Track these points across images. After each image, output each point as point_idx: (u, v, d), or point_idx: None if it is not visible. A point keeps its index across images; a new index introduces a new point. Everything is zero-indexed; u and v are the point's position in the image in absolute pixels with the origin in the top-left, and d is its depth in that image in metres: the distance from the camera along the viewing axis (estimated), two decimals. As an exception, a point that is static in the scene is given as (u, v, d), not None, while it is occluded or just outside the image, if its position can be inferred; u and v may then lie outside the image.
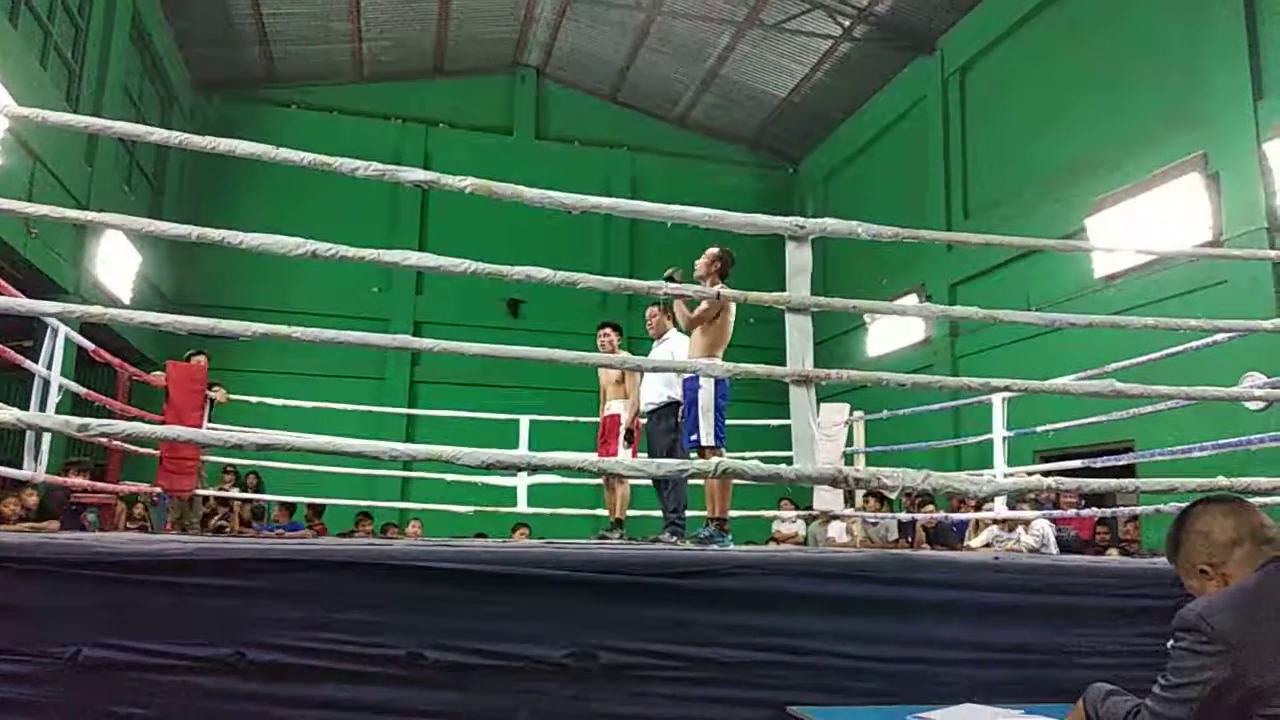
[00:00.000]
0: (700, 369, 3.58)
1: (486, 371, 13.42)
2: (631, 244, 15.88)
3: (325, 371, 13.20)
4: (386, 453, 2.90)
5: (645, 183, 15.87)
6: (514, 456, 3.06)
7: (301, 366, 13.06)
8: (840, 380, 3.50)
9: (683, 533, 5.53)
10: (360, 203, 14.23)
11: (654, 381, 5.92)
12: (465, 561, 2.81)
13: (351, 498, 9.01)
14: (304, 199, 13.48)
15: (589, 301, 14.43)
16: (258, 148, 3.02)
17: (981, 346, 11.60)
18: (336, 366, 13.35)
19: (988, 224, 11.13)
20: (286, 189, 13.61)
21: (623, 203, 3.40)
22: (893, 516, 8.08)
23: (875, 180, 14.75)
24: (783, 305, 3.40)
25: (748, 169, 17.05)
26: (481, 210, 13.79)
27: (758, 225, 3.42)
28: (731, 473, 3.03)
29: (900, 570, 3.14)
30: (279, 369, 12.98)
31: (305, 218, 12.39)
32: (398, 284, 14.88)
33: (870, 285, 13.25)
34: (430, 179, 3.15)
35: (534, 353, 3.26)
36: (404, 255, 3.17)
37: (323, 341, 3.07)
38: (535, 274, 3.21)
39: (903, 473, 3.00)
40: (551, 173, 13.19)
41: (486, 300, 14.74)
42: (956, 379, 3.68)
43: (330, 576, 2.70)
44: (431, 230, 15.09)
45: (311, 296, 13.50)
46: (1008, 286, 10.91)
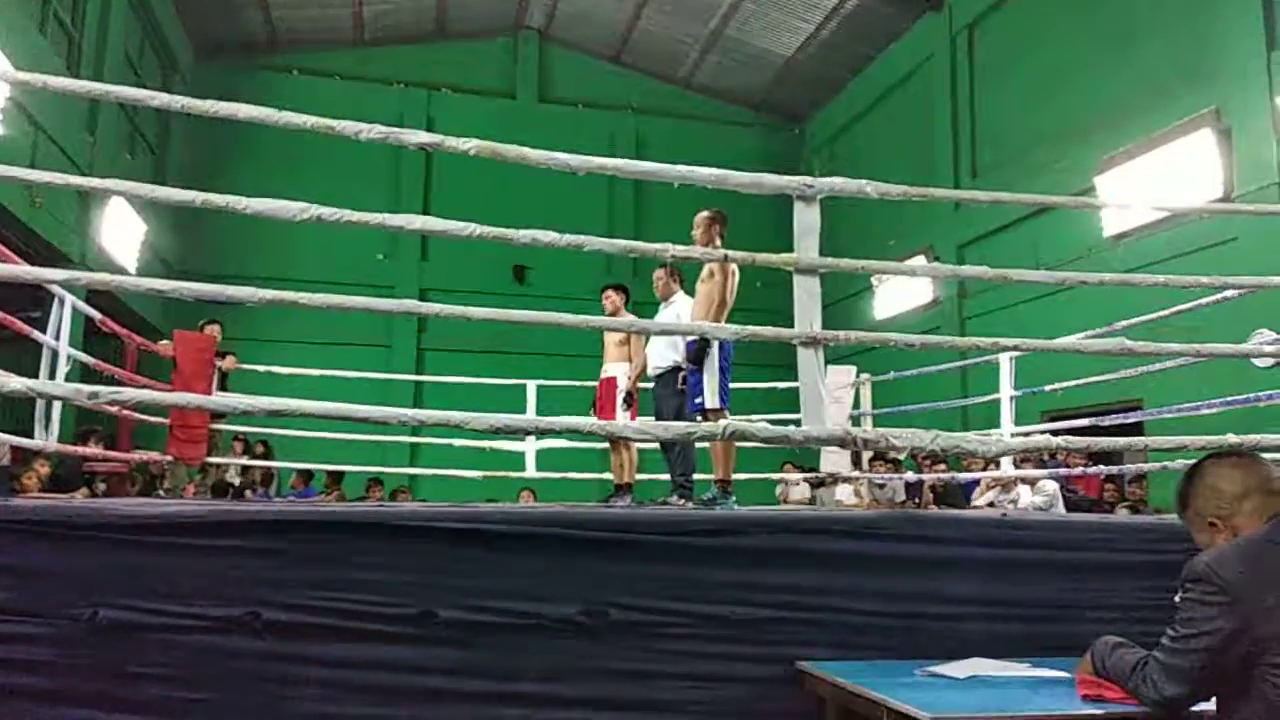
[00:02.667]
0: (706, 331, 3.57)
1: (493, 338, 13.42)
2: (636, 207, 15.80)
3: (332, 339, 13.23)
4: (396, 418, 2.92)
5: (650, 145, 15.75)
6: (522, 421, 3.08)
7: (309, 335, 13.09)
8: (848, 342, 3.50)
9: (690, 496, 5.56)
10: (363, 168, 14.16)
11: (660, 345, 5.90)
12: (476, 521, 2.83)
13: (362, 465, 9.07)
14: (307, 165, 13.40)
15: (595, 267, 14.38)
16: (260, 111, 3.00)
17: (989, 307, 11.55)
18: (343, 334, 13.38)
19: (996, 183, 11.03)
20: (289, 155, 13.54)
21: (628, 163, 3.37)
22: (900, 477, 8.12)
23: (882, 141, 14.62)
24: (790, 266, 3.38)
25: (753, 130, 16.90)
26: (486, 174, 13.73)
27: (765, 185, 3.40)
28: (739, 435, 3.03)
29: (908, 527, 3.16)
30: (286, 338, 13.00)
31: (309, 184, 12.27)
32: (403, 250, 14.86)
33: (877, 248, 13.15)
34: (434, 141, 3.13)
35: (538, 316, 3.26)
36: (408, 219, 3.16)
37: (329, 307, 3.07)
38: (541, 236, 3.21)
39: (911, 433, 3.01)
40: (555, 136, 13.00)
41: (492, 267, 14.70)
42: (965, 339, 3.68)
43: (342, 537, 2.74)
44: (435, 196, 15.04)
45: (316, 264, 13.48)
46: (1016, 247, 10.84)
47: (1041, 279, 3.86)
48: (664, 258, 3.37)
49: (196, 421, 6.73)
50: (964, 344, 3.74)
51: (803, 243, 3.38)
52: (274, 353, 11.05)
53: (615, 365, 6.49)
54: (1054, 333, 5.85)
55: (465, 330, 13.20)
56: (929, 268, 5.33)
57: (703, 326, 3.74)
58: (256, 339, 12.15)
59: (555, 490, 9.08)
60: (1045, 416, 9.56)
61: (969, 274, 3.83)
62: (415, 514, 2.95)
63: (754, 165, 3.94)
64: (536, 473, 8.09)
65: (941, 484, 8.14)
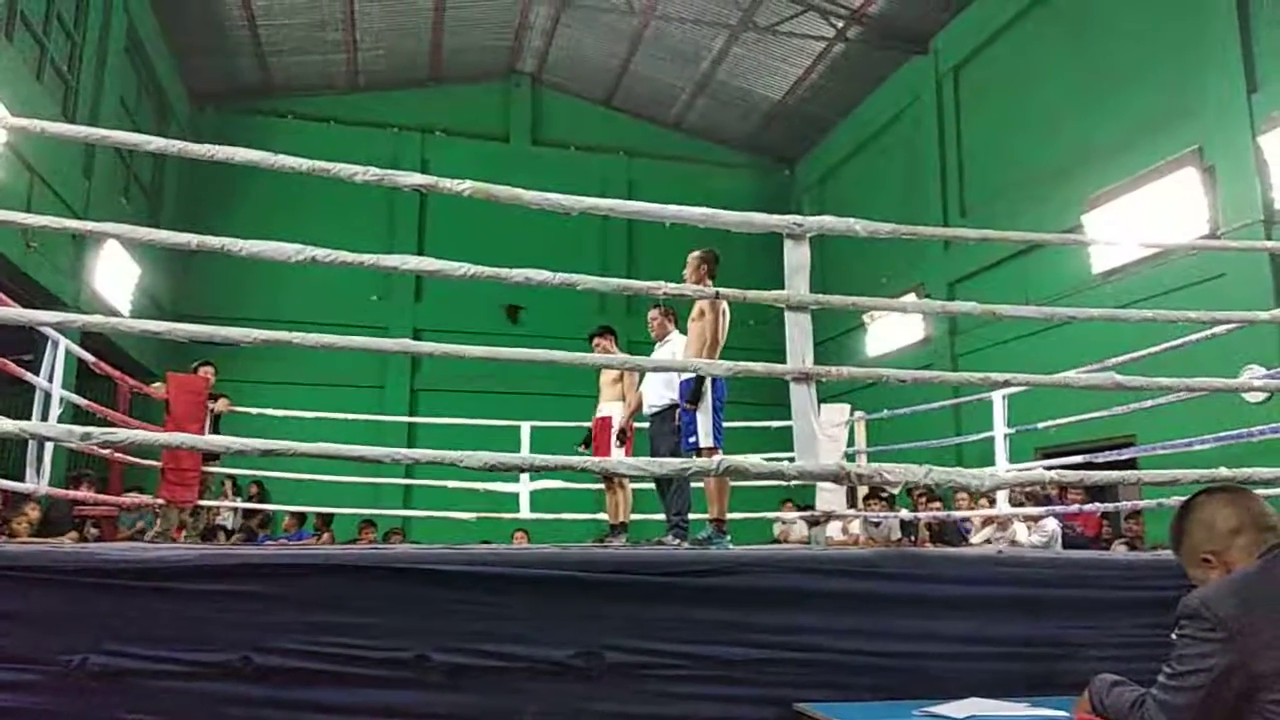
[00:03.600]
0: (700, 369, 3.59)
1: (487, 378, 13.42)
2: (629, 247, 15.91)
3: (326, 380, 13.22)
4: (389, 457, 2.91)
5: (641, 187, 15.89)
6: (516, 459, 3.07)
7: (302, 376, 13.07)
8: (840, 378, 3.51)
9: (686, 536, 5.53)
10: (358, 211, 14.25)
11: (655, 383, 5.92)
12: (469, 564, 2.81)
13: (355, 507, 9.02)
14: (302, 208, 13.47)
15: (588, 307, 14.43)
16: (256, 154, 3.04)
17: (981, 344, 11.61)
18: (337, 376, 13.37)
19: (984, 222, 11.14)
20: (284, 199, 13.63)
21: (620, 203, 3.41)
22: (895, 515, 8.09)
23: (871, 181, 14.79)
24: (782, 304, 3.41)
25: (744, 171, 17.08)
26: (479, 216, 13.84)
27: (755, 224, 3.44)
28: (733, 471, 3.03)
29: (903, 566, 3.15)
30: (280, 379, 12.96)
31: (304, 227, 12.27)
32: (397, 291, 14.90)
33: (869, 286, 13.25)
34: (428, 183, 3.16)
35: (532, 354, 3.27)
36: (403, 260, 3.18)
37: (323, 347, 3.07)
38: (534, 276, 3.23)
39: (905, 468, 3.02)
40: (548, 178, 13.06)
41: (485, 307, 14.75)
42: (957, 374, 3.71)
43: (335, 580, 2.71)
44: (430, 237, 15.12)
45: (310, 306, 13.49)
46: (1006, 284, 10.92)
47: (1031, 315, 3.89)
48: (657, 296, 3.39)
49: (189, 463, 6.69)
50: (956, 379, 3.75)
51: (793, 280, 3.41)
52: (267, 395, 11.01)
53: (610, 404, 6.50)
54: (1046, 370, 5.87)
55: (459, 370, 13.21)
56: (920, 304, 5.39)
57: (698, 363, 3.75)
58: (250, 381, 12.12)
59: (550, 531, 9.03)
60: (1039, 454, 9.55)
61: (959, 310, 3.86)
62: (409, 556, 2.94)
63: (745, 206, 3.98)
64: (531, 514, 8.05)
65: (937, 522, 8.12)
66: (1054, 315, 3.89)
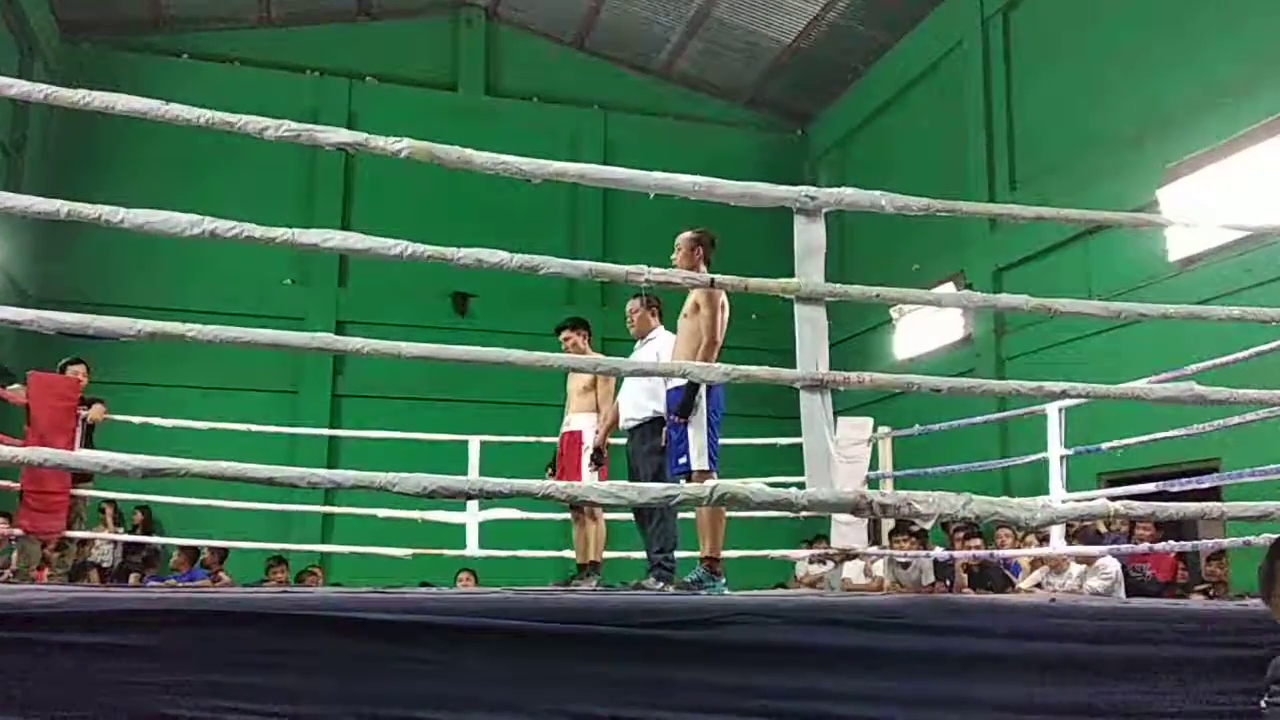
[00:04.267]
0: (693, 374, 3.59)
1: (427, 382, 13.37)
2: (605, 223, 15.91)
3: (227, 384, 13.12)
4: (305, 480, 2.90)
5: (620, 148, 15.91)
6: (462, 483, 3.07)
7: (198, 378, 12.97)
8: (862, 386, 3.53)
9: (671, 577, 5.54)
10: (269, 174, 14.17)
11: (635, 391, 5.92)
12: (403, 611, 2.81)
13: (262, 540, 8.97)
14: (200, 170, 13.39)
15: (553, 297, 14.42)
16: (143, 103, 3.02)
17: (1033, 346, 11.69)
18: (241, 378, 13.28)
19: (1038, 197, 11.21)
20: (178, 158, 13.54)
21: (594, 169, 3.42)
22: (927, 555, 8.13)
23: (902, 145, 14.86)
24: (791, 294, 3.42)
25: (746, 131, 17.13)
26: (420, 182, 13.81)
27: (760, 197, 3.45)
28: (730, 499, 3.04)
29: (936, 616, 3.17)
30: (170, 381, 12.88)
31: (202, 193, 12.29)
32: (316, 274, 14.83)
33: (898, 273, 13.32)
34: (357, 141, 3.16)
35: (485, 354, 3.27)
36: (324, 235, 3.18)
37: (223, 342, 3.06)
38: (487, 258, 3.23)
39: (939, 497, 3.03)
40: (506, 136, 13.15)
41: (427, 294, 14.70)
42: (1003, 383, 3.73)
43: (237, 633, 2.69)
44: (358, 208, 15.05)
45: (209, 291, 13.40)
46: (1064, 274, 11.00)
47: (1094, 312, 3.92)
48: (639, 284, 3.39)
49: (54, 485, 6.63)
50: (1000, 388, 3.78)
51: (805, 266, 3.42)
52: (154, 400, 10.94)
53: (580, 417, 6.49)
54: (1111, 378, 5.94)
55: (393, 372, 13.14)
56: (957, 296, 5.42)
57: (688, 367, 3.76)
58: (132, 383, 12.03)
59: (503, 572, 9.00)
60: (1103, 480, 9.64)
61: (1007, 305, 3.90)
62: (328, 602, 2.92)
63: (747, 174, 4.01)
64: (480, 550, 8.04)
65: (978, 563, 8.16)
66: (1122, 312, 3.92)
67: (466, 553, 8.11)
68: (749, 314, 13.46)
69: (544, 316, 9.99)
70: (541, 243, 13.76)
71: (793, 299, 3.43)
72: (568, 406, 6.64)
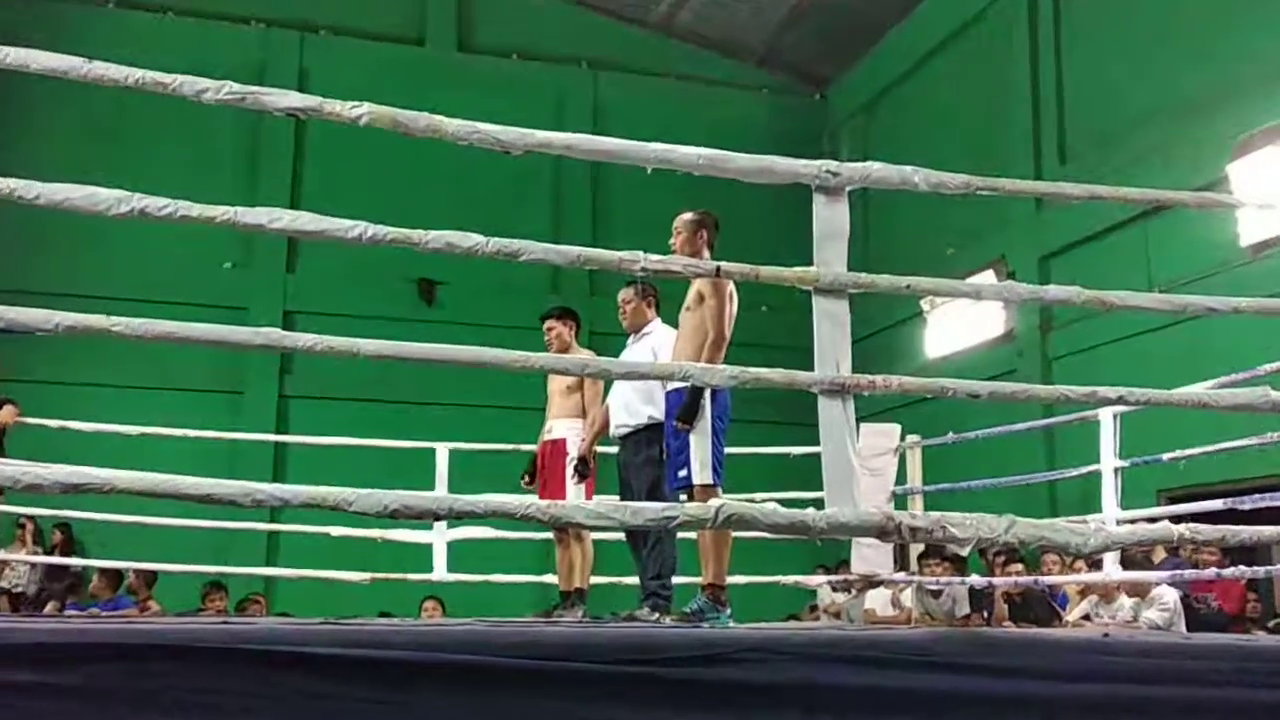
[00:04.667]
0: (696, 375, 3.59)
1: (388, 381, 13.34)
2: (594, 202, 15.90)
3: (160, 383, 13.09)
4: (248, 496, 2.89)
5: (612, 114, 15.89)
6: (429, 500, 3.06)
7: (126, 377, 12.94)
8: (889, 390, 3.53)
9: (668, 607, 5.55)
10: (208, 143, 14.13)
11: (628, 395, 5.92)
12: (358, 646, 2.80)
13: (197, 563, 8.94)
14: (127, 139, 13.36)
15: (535, 285, 14.40)
16: (60, 60, 3.00)
17: (1083, 344, 11.70)
18: (174, 375, 13.23)
19: (1092, 173, 11.23)
20: (102, 125, 13.49)
21: (583, 139, 3.41)
22: (962, 582, 8.15)
23: (935, 113, 14.86)
24: (809, 285, 3.42)
25: (756, 95, 17.12)
26: (382, 153, 13.77)
27: (775, 172, 3.45)
28: (737, 520, 3.04)
29: (971, 654, 3.17)
30: (93, 380, 12.84)
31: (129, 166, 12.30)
32: (261, 258, 14.79)
33: (930, 261, 13.32)
34: (309, 105, 3.14)
35: (456, 352, 3.26)
36: (270, 215, 3.16)
37: (155, 337, 3.05)
38: (459, 242, 3.22)
39: (978, 520, 3.04)
40: (481, 99, 13.17)
41: (389, 281, 14.69)
42: (1049, 387, 3.73)
43: (165, 668, 2.68)
44: (309, 183, 15.01)
45: (137, 278, 13.34)
46: (1121, 261, 11.01)
47: (1155, 305, 3.92)
48: (633, 272, 3.39)
49: (-42, 500, 6.61)
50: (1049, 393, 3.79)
51: (825, 252, 3.42)
52: (74, 401, 10.90)
53: (563, 422, 6.49)
54: (1173, 381, 5.94)
55: (348, 371, 13.02)
56: (1000, 287, 5.42)
57: (690, 368, 3.75)
58: (51, 382, 12.01)
59: (475, 600, 9.00)
60: (1164, 498, 9.65)
61: (1055, 297, 3.89)
62: (275, 634, 2.91)
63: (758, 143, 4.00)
64: (448, 575, 8.03)
65: (1020, 592, 8.18)
66: (1188, 306, 3.93)
67: (433, 578, 8.10)
68: (759, 307, 13.48)
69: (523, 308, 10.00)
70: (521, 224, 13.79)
71: (811, 290, 3.43)
72: (549, 410, 6.64)
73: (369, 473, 6.99)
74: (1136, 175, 10.35)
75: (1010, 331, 13.02)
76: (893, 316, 14.51)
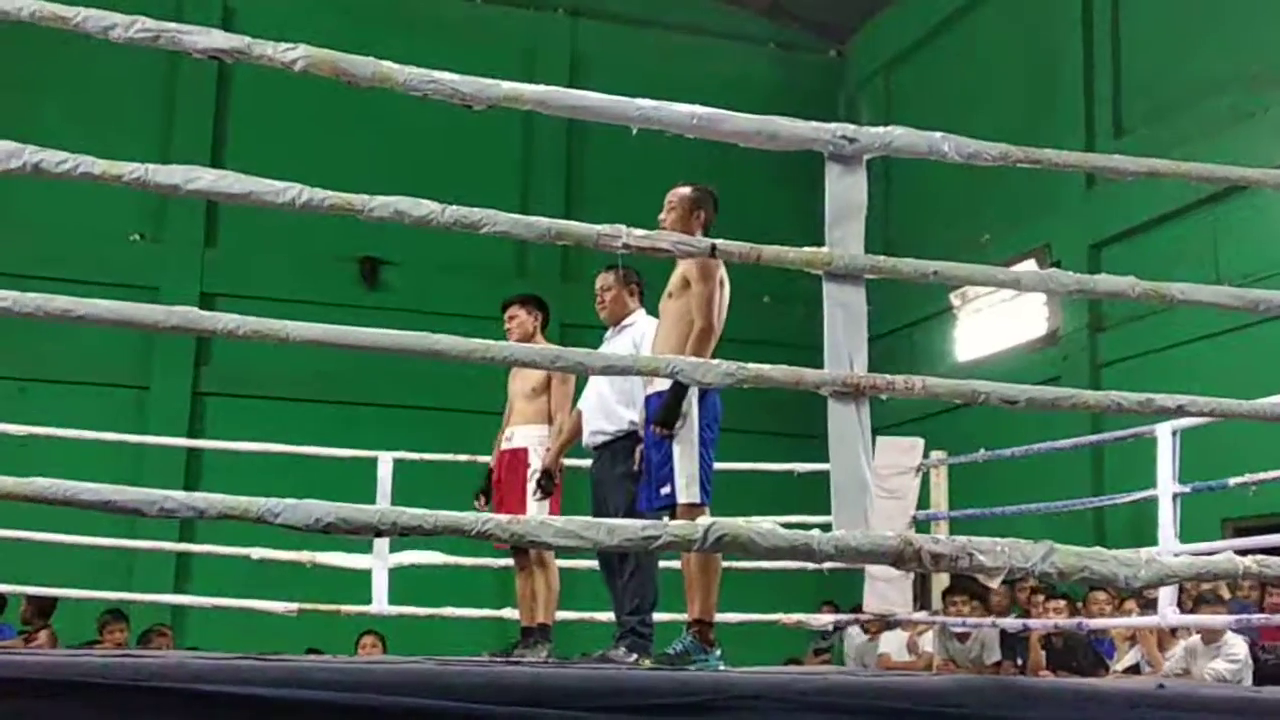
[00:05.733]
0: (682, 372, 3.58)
1: (322, 377, 13.33)
2: (568, 170, 15.89)
3: (54, 375, 13.04)
4: (153, 504, 2.88)
5: (592, 68, 15.87)
6: (369, 513, 3.05)
7: (11, 366, 12.90)
8: (911, 394, 3.53)
9: (647, 648, 5.55)
10: (117, 90, 14.08)
11: (606, 396, 5.92)
12: (285, 685, 2.79)
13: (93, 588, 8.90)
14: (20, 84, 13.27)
15: (497, 265, 14.41)
16: (-57, -12, 2.99)
17: (1139, 348, 11.73)
18: (70, 367, 13.19)
19: (1151, 147, 11.26)
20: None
21: (558, 93, 3.40)
22: (993, 624, 8.17)
23: (971, 75, 14.87)
24: (820, 269, 3.42)
25: (763, 50, 17.13)
26: (320, 107, 13.73)
27: (781, 135, 3.45)
28: (730, 543, 3.04)
29: (1004, 705, 3.17)
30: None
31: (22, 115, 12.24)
32: (175, 228, 14.73)
33: (961, 247, 13.34)
34: (235, 46, 3.13)
35: (402, 339, 3.26)
36: (188, 174, 3.15)
37: (47, 316, 3.04)
38: (410, 210, 3.21)
39: (1009, 544, 3.04)
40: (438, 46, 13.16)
41: (324, 260, 14.65)
42: (1099, 393, 3.74)
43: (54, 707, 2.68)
44: (234, 140, 14.96)
45: (27, 250, 13.28)
46: (1184, 250, 11.05)
47: (1224, 301, 3.93)
48: (613, 249, 3.38)
49: None
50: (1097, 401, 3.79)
51: (839, 230, 3.42)
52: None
53: (526, 429, 6.49)
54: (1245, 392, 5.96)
55: (275, 363, 13.09)
56: (1042, 276, 5.41)
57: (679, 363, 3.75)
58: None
59: (421, 638, 9.00)
60: (1230, 528, 9.69)
61: (1107, 289, 3.90)
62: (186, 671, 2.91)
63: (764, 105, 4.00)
64: (390, 607, 8.01)
65: (1061, 636, 8.21)
66: (1260, 303, 3.94)
67: (371, 610, 8.07)
68: (760, 297, 13.50)
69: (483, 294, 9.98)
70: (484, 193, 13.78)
71: (821, 275, 3.43)
72: (508, 415, 6.63)
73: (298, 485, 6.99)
74: (1204, 152, 10.38)
75: (1054, 332, 13.05)
76: (915, 313, 14.53)
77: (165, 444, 11.73)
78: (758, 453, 9.06)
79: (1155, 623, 7.16)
